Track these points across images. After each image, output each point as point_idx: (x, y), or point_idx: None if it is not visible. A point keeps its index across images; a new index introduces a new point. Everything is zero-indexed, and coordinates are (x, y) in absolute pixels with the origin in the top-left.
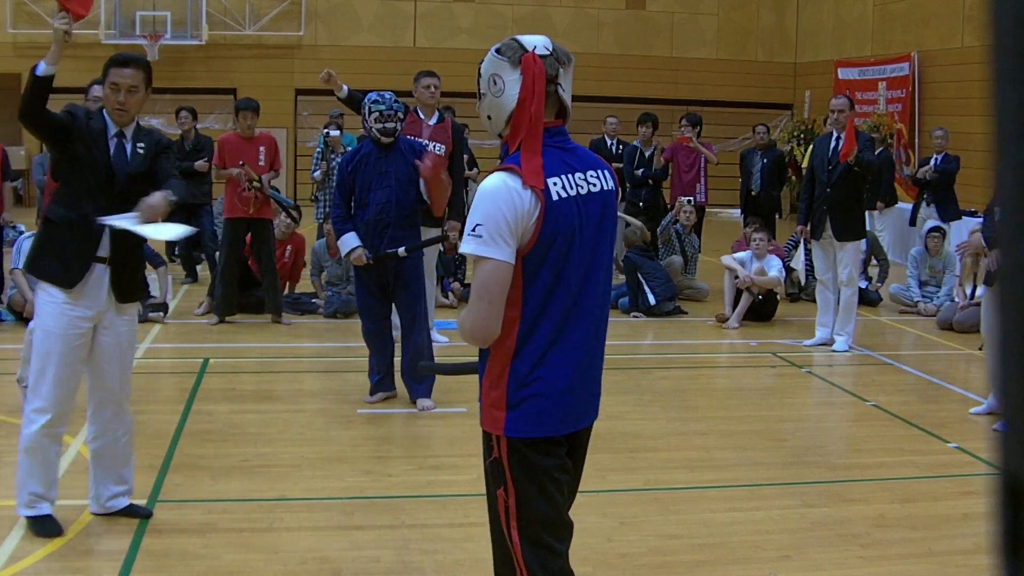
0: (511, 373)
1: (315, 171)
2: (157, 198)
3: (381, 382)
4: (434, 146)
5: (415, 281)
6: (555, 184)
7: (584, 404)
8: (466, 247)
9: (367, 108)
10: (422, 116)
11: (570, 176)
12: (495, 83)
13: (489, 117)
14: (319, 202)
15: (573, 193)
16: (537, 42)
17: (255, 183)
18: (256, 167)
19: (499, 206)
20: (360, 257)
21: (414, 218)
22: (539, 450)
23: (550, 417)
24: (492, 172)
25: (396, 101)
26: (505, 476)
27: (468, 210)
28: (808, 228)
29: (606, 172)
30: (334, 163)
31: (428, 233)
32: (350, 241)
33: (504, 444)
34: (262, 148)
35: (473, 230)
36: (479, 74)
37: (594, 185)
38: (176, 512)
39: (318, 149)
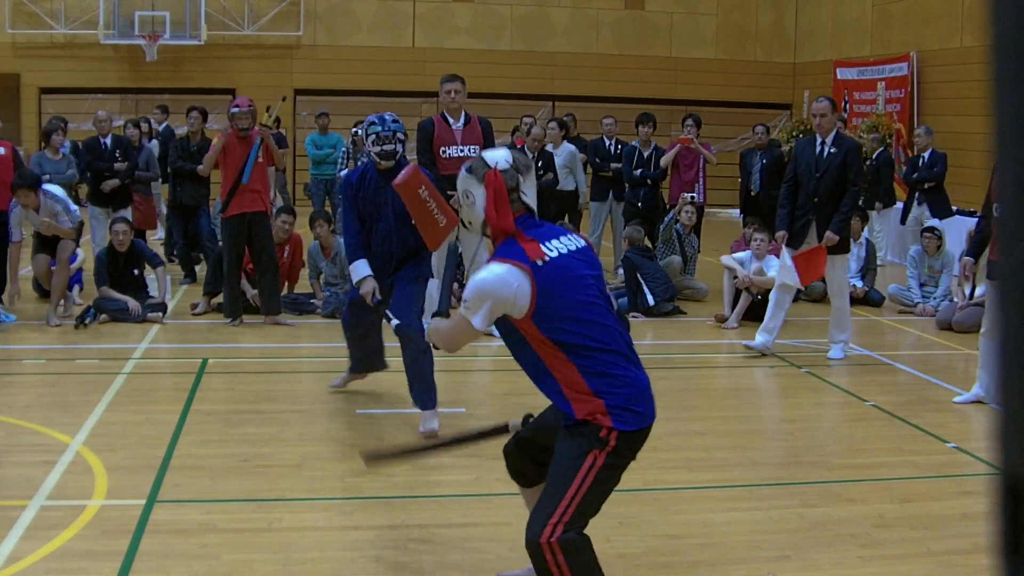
0: (594, 387)
1: (342, 170)
2: None
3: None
4: (470, 149)
5: (407, 303)
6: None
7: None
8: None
9: (365, 131)
10: (450, 121)
11: (548, 241)
12: (467, 197)
13: (469, 223)
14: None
15: (555, 253)
16: (499, 157)
17: (266, 122)
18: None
19: (491, 297)
20: (368, 293)
21: (422, 250)
22: (637, 445)
23: (647, 410)
24: (490, 261)
25: (396, 122)
26: (601, 459)
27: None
28: (786, 235)
29: (573, 236)
30: (360, 162)
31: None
32: (361, 269)
33: (614, 436)
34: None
35: (464, 301)
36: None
37: (571, 244)
38: (175, 512)
39: (345, 148)
